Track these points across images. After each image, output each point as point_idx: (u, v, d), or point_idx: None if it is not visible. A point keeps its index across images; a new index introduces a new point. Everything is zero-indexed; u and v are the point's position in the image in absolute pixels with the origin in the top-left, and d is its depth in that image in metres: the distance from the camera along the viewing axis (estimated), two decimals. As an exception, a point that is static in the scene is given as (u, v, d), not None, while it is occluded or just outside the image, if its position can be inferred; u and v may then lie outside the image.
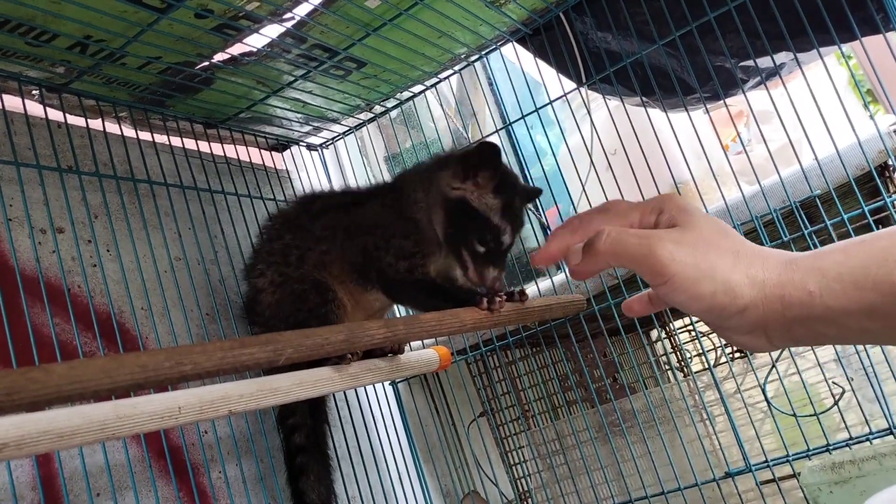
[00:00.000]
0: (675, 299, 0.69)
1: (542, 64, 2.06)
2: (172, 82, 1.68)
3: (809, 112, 1.63)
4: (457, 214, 1.14)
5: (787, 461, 1.73)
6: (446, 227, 1.15)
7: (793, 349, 1.86)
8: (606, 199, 1.55)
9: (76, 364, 0.63)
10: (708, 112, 1.84)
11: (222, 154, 2.01)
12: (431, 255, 1.20)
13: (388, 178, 2.59)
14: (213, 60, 1.63)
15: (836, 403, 1.78)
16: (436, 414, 2.47)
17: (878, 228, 1.66)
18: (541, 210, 2.68)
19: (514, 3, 1.84)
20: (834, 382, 1.82)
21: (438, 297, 1.16)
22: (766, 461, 1.75)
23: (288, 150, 2.33)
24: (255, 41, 1.62)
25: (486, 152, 1.11)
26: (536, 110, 2.00)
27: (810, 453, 1.71)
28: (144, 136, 1.80)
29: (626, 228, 0.73)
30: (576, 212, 2.21)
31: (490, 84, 2.87)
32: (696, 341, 2.67)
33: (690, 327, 2.76)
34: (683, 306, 0.70)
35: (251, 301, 1.41)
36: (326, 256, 1.28)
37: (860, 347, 1.66)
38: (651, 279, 0.70)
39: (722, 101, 1.92)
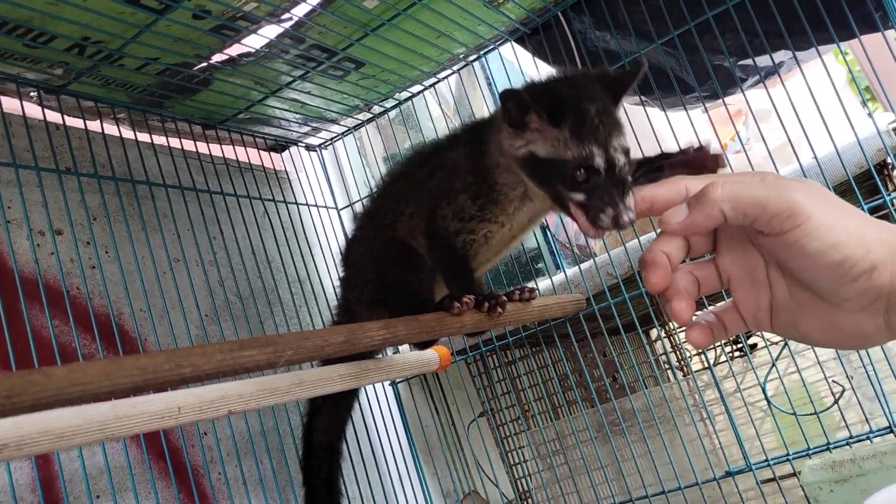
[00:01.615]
0: (810, 247, 0.61)
1: (541, 63, 2.06)
2: (171, 83, 1.68)
3: (808, 110, 1.63)
4: (538, 172, 0.96)
5: (788, 460, 1.73)
6: (540, 189, 0.99)
7: (792, 347, 1.86)
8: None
9: (76, 367, 0.63)
10: (707, 111, 1.84)
11: (221, 155, 2.01)
12: (494, 223, 1.09)
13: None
14: (211, 61, 1.63)
15: (836, 402, 1.78)
16: (436, 414, 2.47)
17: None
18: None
19: (513, 3, 1.84)
20: (834, 381, 1.82)
21: (454, 275, 1.10)
22: (767, 460, 1.75)
23: (287, 151, 2.33)
24: (254, 42, 1.62)
25: (509, 100, 0.94)
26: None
27: (811, 452, 1.71)
28: (143, 137, 1.80)
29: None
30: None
31: (489, 84, 2.87)
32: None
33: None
34: (815, 260, 0.61)
35: (349, 241, 1.35)
36: (412, 221, 1.18)
37: (860, 346, 1.66)
38: (779, 224, 0.61)
39: (721, 100, 1.92)
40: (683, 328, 2.77)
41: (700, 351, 2.60)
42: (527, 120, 0.94)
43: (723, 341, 2.43)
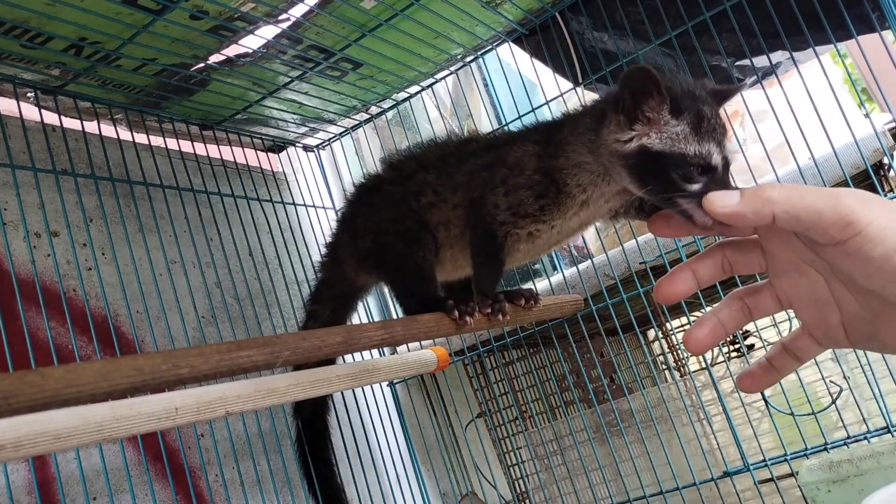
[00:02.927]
0: (872, 252, 0.59)
1: (539, 64, 2.06)
2: (168, 84, 1.67)
3: (805, 111, 1.63)
4: (646, 168, 0.89)
5: (785, 460, 1.73)
6: (641, 186, 0.92)
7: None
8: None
9: (73, 367, 0.63)
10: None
11: (218, 156, 2.01)
12: (545, 224, 1.04)
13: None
14: (208, 62, 1.63)
15: (833, 402, 1.78)
16: (433, 415, 2.47)
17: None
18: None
19: (510, 4, 1.84)
20: (831, 381, 1.83)
21: (487, 266, 1.04)
22: (764, 460, 1.75)
23: (284, 152, 2.33)
24: (251, 42, 1.62)
25: (635, 79, 0.87)
26: (533, 110, 2.00)
27: (808, 452, 1.71)
28: (140, 138, 1.80)
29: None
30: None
31: (486, 85, 2.87)
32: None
33: (687, 326, 2.76)
34: (880, 265, 0.59)
35: (361, 191, 1.28)
36: (454, 212, 1.12)
37: (857, 346, 1.66)
38: (837, 233, 0.60)
39: (718, 101, 1.92)
40: (680, 329, 2.77)
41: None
42: (643, 108, 0.88)
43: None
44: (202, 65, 1.64)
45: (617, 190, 0.98)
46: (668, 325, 2.77)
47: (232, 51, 1.63)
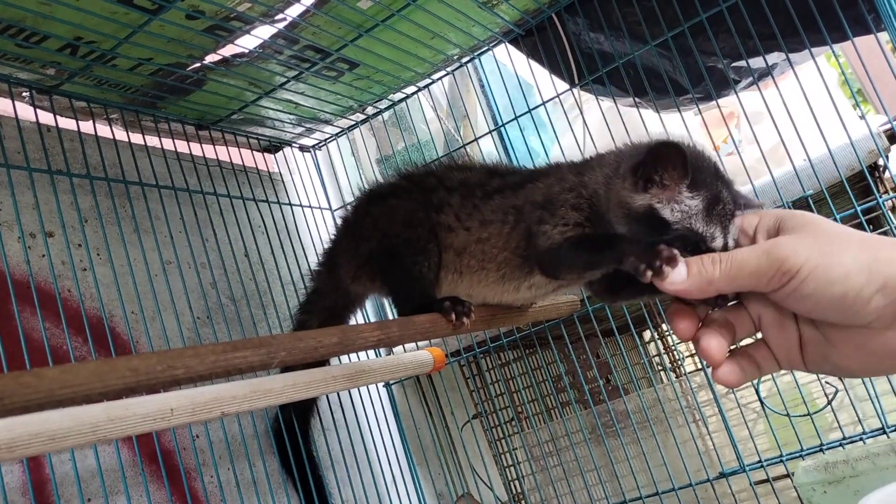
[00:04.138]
0: (806, 291, 0.66)
1: (535, 65, 2.06)
2: (164, 84, 1.67)
3: (801, 112, 1.64)
4: (646, 226, 0.90)
5: (781, 461, 1.73)
6: (629, 232, 0.93)
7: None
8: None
9: (67, 368, 0.62)
10: (700, 113, 1.84)
11: (214, 156, 2.00)
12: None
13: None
14: (204, 62, 1.63)
15: (829, 403, 1.78)
16: (429, 416, 2.46)
17: (869, 228, 1.67)
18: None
19: (507, 4, 1.84)
20: (827, 382, 1.83)
21: (591, 248, 0.94)
22: (760, 461, 1.75)
23: (280, 152, 2.33)
24: (247, 42, 1.61)
25: (662, 153, 0.88)
26: (529, 111, 2.00)
27: (804, 453, 1.71)
28: (136, 138, 1.79)
29: (734, 250, 0.71)
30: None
31: (482, 86, 2.87)
32: (689, 342, 2.67)
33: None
34: (816, 300, 0.66)
35: (371, 196, 1.24)
36: (478, 246, 1.08)
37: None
38: (778, 281, 0.67)
39: (714, 102, 1.92)
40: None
41: (693, 353, 2.61)
42: (663, 176, 0.88)
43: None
44: (198, 65, 1.63)
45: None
46: (663, 326, 2.78)
47: (228, 51, 1.62)
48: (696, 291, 0.72)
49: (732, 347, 0.77)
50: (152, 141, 1.84)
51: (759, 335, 0.78)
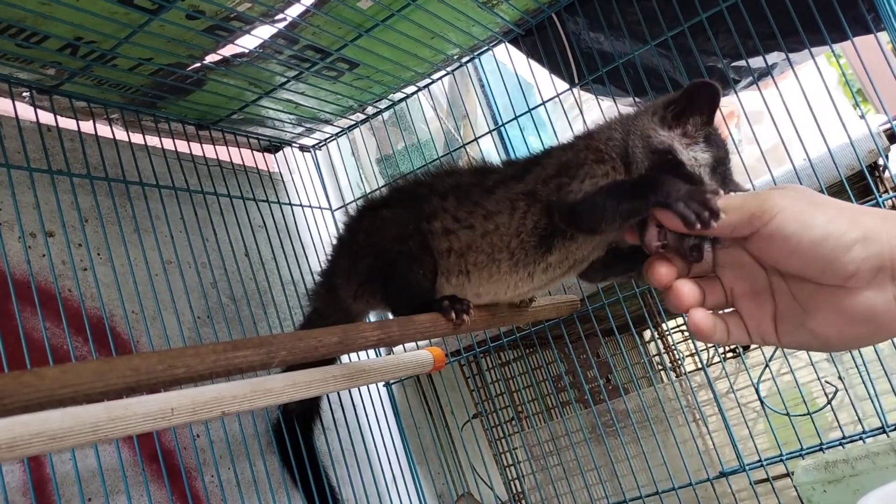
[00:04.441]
0: (787, 231, 0.67)
1: (535, 65, 2.06)
2: (164, 84, 1.67)
3: (801, 112, 1.64)
4: (661, 167, 0.92)
5: (781, 460, 1.73)
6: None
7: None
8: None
9: (68, 368, 0.63)
10: (700, 112, 1.84)
11: (214, 156, 2.01)
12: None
13: (381, 181, 2.58)
14: (204, 62, 1.63)
15: (829, 402, 1.78)
16: (430, 416, 2.47)
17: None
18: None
19: (507, 4, 1.84)
20: (827, 381, 1.83)
21: (630, 193, 0.89)
22: (760, 460, 1.75)
23: (280, 152, 2.33)
24: (247, 42, 1.61)
25: (700, 93, 0.91)
26: (529, 111, 2.00)
27: (804, 452, 1.71)
28: (136, 138, 1.80)
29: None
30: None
31: (482, 85, 2.88)
32: (689, 341, 2.68)
33: (683, 327, 2.76)
34: (797, 243, 0.66)
35: (363, 211, 1.24)
36: (485, 239, 1.07)
37: (853, 346, 1.67)
38: (759, 219, 0.68)
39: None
40: (677, 329, 2.78)
41: (693, 352, 2.61)
42: (690, 120, 0.93)
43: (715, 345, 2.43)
44: (198, 65, 1.63)
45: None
46: (664, 325, 2.78)
47: (228, 51, 1.62)
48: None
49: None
50: (152, 141, 1.84)
51: (730, 309, 0.78)
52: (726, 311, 0.78)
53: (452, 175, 1.16)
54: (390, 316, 1.18)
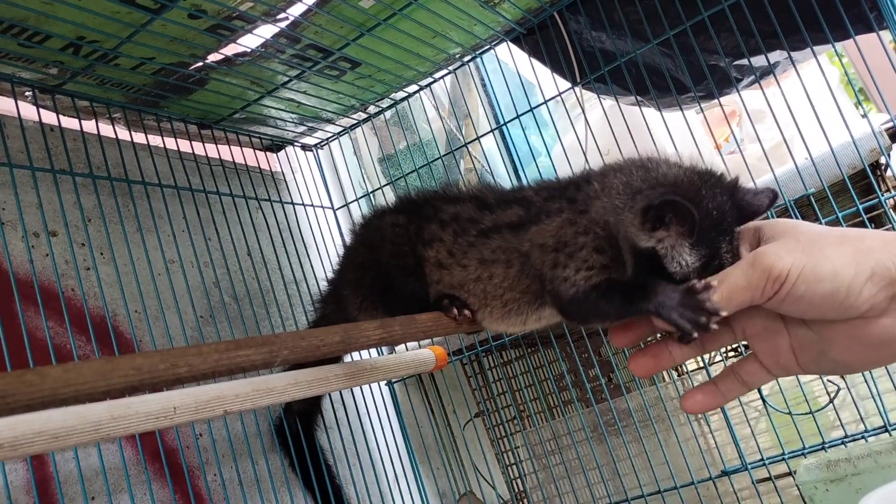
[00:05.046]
0: (798, 293, 0.66)
1: (537, 63, 2.06)
2: (166, 83, 1.67)
3: (803, 111, 1.64)
4: (645, 264, 0.89)
5: (783, 459, 1.73)
6: (632, 269, 0.92)
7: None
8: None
9: (71, 367, 0.63)
10: (702, 111, 1.84)
11: (217, 155, 2.01)
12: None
13: (383, 180, 2.57)
14: (206, 61, 1.63)
15: (831, 401, 1.78)
16: (432, 414, 2.47)
17: (871, 226, 1.67)
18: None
19: (509, 3, 1.84)
20: (829, 380, 1.83)
21: (621, 298, 0.89)
22: (762, 459, 1.75)
23: (282, 151, 2.33)
24: (249, 41, 1.62)
25: (673, 209, 0.85)
26: (531, 110, 2.00)
27: (806, 451, 1.71)
28: (139, 137, 1.80)
29: (724, 272, 0.73)
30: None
31: (483, 85, 2.88)
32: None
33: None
34: (809, 300, 0.66)
35: (368, 220, 1.24)
36: (478, 285, 1.06)
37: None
38: (771, 289, 0.68)
39: (716, 100, 1.92)
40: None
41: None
42: (668, 226, 0.87)
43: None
44: (200, 64, 1.63)
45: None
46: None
47: (230, 50, 1.62)
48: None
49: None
50: (155, 140, 1.84)
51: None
52: (737, 361, 0.79)
53: (455, 202, 1.13)
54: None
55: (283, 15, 1.54)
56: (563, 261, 0.96)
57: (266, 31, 1.59)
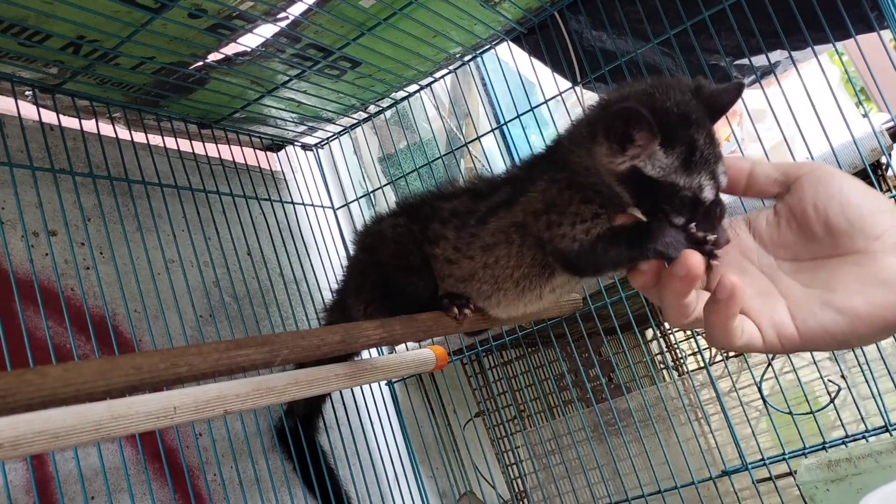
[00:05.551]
0: (825, 175, 0.72)
1: (537, 63, 2.06)
2: (166, 82, 1.67)
3: (804, 110, 1.63)
4: (636, 187, 0.89)
5: (784, 459, 1.73)
6: (633, 199, 0.91)
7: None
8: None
9: (71, 366, 0.63)
10: (702, 111, 1.83)
11: (217, 155, 2.01)
12: (618, 216, 0.95)
13: (383, 179, 2.58)
14: (207, 60, 1.63)
15: (831, 401, 1.78)
16: (432, 414, 2.47)
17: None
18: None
19: (509, 2, 1.84)
20: (829, 380, 1.83)
21: (627, 243, 0.89)
22: (763, 459, 1.75)
23: (282, 151, 2.33)
24: (250, 41, 1.61)
25: (624, 117, 0.85)
26: (531, 109, 2.00)
27: (806, 451, 1.71)
28: (139, 136, 1.80)
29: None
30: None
31: (484, 84, 2.87)
32: (692, 340, 2.67)
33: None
34: (839, 187, 0.71)
35: (370, 226, 1.25)
36: (487, 271, 1.07)
37: (855, 345, 1.67)
38: (794, 172, 0.75)
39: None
40: (679, 329, 2.76)
41: (695, 351, 2.60)
42: (634, 137, 0.86)
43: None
44: (201, 63, 1.63)
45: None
46: (666, 324, 2.77)
47: (230, 49, 1.62)
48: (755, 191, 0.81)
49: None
50: (155, 139, 1.84)
51: None
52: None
53: (451, 199, 1.15)
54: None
55: (283, 14, 1.54)
56: (555, 219, 0.97)
57: (266, 31, 1.59)
